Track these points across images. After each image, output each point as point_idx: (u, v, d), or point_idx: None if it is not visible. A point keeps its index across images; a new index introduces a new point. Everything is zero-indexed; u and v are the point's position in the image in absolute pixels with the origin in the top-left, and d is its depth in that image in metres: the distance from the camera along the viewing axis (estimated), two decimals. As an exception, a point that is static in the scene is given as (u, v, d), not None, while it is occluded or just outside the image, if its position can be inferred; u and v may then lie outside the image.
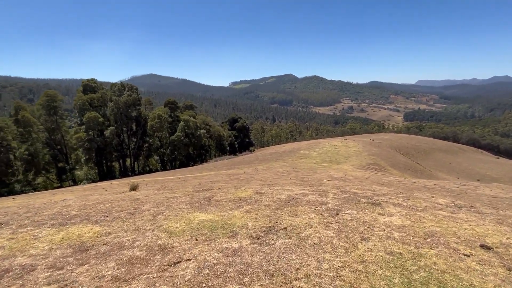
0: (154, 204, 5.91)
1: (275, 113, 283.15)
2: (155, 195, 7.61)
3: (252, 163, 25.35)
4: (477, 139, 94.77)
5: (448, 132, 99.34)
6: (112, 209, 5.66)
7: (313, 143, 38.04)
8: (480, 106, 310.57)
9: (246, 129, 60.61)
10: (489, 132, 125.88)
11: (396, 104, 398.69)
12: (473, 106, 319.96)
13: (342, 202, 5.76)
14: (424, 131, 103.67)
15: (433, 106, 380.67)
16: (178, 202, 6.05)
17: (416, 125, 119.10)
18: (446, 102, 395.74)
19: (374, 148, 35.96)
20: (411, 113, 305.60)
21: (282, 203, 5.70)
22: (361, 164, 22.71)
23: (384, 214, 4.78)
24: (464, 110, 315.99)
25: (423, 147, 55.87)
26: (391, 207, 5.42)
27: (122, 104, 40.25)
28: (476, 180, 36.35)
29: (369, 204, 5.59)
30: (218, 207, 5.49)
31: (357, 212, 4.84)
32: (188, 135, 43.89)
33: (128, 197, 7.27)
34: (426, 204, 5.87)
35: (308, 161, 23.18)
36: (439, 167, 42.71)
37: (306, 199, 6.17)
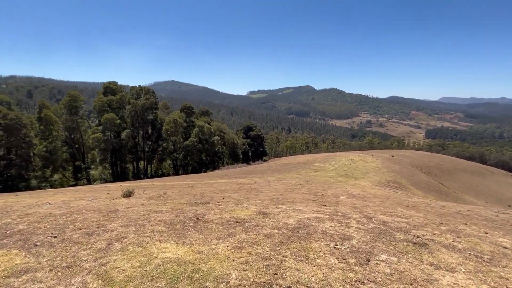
0: (126, 222, 4.69)
1: (291, 123, 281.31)
2: (141, 206, 6.42)
3: (264, 173, 24.41)
4: (507, 162, 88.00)
5: (474, 152, 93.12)
6: (71, 225, 4.50)
7: (329, 156, 36.43)
8: (510, 126, 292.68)
9: (261, 138, 59.65)
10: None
11: (417, 120, 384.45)
12: (501, 126, 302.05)
13: (372, 238, 4.22)
14: (447, 150, 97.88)
15: (458, 124, 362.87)
16: (157, 221, 4.78)
17: (439, 143, 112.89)
18: (472, 120, 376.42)
19: (393, 164, 33.70)
20: (433, 130, 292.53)
21: (289, 232, 4.26)
22: (380, 181, 21.06)
23: (440, 267, 3.20)
24: (491, 130, 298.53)
25: (447, 166, 52.24)
26: (444, 252, 3.82)
27: (139, 107, 40.41)
28: (508, 206, 33.19)
29: (410, 244, 4.02)
30: (203, 233, 4.14)
31: (397, 260, 3.30)
32: (201, 141, 43.29)
33: (107, 207, 6.14)
34: (488, 248, 4.23)
35: (323, 175, 21.84)
36: (465, 189, 39.44)
37: (322, 227, 4.69)
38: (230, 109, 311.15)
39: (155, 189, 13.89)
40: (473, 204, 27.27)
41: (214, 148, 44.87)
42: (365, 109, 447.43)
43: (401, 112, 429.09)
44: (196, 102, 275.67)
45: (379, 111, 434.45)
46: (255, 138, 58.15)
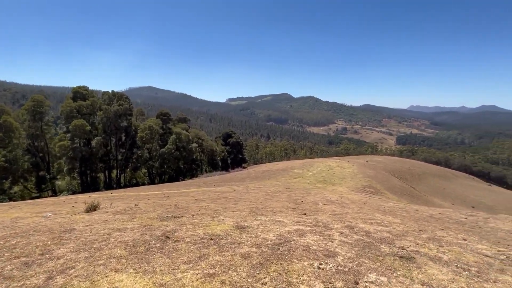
0: (79, 245, 3.99)
1: (270, 130, 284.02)
2: (104, 223, 5.67)
3: (243, 181, 24.10)
4: (469, 166, 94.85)
5: (440, 157, 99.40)
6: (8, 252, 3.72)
7: (307, 163, 36.73)
8: (470, 133, 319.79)
9: (240, 145, 59.24)
10: (479, 159, 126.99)
11: (388, 127, 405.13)
12: (462, 133, 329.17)
13: (357, 253, 3.91)
14: (417, 155, 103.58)
15: (424, 131, 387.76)
16: (117, 243, 4.13)
17: (409, 149, 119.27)
18: (437, 127, 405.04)
19: (368, 170, 34.70)
20: (403, 137, 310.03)
21: (269, 250, 3.83)
22: (356, 187, 21.54)
23: (433, 287, 2.94)
24: (454, 137, 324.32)
25: (417, 171, 54.98)
26: (432, 266, 3.59)
27: (112, 114, 38.31)
28: (471, 207, 35.35)
29: (397, 259, 3.76)
30: (171, 256, 3.58)
31: (388, 281, 2.98)
32: (179, 148, 41.91)
33: (62, 226, 5.33)
34: (472, 258, 4.10)
35: (302, 181, 21.91)
36: (433, 192, 41.58)
37: (304, 242, 4.32)
38: (209, 116, 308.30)
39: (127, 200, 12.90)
40: (442, 206, 28.67)
41: (192, 155, 43.64)
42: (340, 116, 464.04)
43: (373, 119, 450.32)
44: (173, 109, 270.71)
45: (354, 118, 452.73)
46: (234, 145, 57.64)
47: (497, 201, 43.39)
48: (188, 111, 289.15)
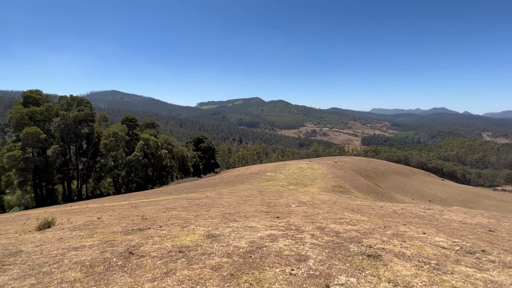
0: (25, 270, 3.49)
1: (242, 134, 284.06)
2: (58, 241, 5.09)
3: (216, 186, 23.78)
4: (425, 163, 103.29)
5: (400, 155, 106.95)
6: None
7: (280, 165, 37.22)
8: (424, 133, 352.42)
9: (212, 150, 58.41)
10: (433, 156, 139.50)
11: (354, 129, 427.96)
12: (418, 133, 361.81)
13: (328, 255, 3.95)
14: (380, 155, 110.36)
15: (386, 132, 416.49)
16: (72, 264, 3.70)
17: (373, 149, 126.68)
18: (397, 128, 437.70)
19: (337, 170, 36.15)
20: (367, 138, 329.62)
21: (240, 259, 3.70)
22: (326, 187, 22.30)
23: (398, 283, 3.03)
24: (411, 136, 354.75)
25: (381, 169, 58.62)
26: (396, 262, 3.74)
27: (70, 120, 35.38)
28: (428, 201, 38.46)
29: (365, 258, 3.86)
30: (134, 274, 3.28)
31: (357, 281, 3.02)
32: (147, 155, 39.99)
33: (6, 248, 4.66)
34: (432, 251, 4.37)
35: (275, 184, 22.13)
36: (396, 188, 44.55)
37: (276, 248, 4.27)
38: (179, 121, 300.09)
39: (89, 213, 11.91)
40: (403, 201, 30.77)
41: (161, 162, 41.89)
42: (309, 119, 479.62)
43: (340, 122, 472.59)
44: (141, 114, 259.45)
45: (322, 121, 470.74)
46: (206, 150, 56.68)
47: (449, 194, 47.85)
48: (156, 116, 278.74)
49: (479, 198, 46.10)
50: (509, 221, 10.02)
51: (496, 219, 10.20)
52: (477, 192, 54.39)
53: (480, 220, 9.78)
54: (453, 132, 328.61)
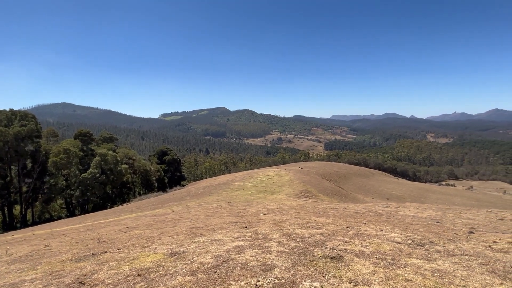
0: None
1: (208, 145, 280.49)
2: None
3: (183, 200, 23.09)
4: (381, 164, 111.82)
5: (359, 158, 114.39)
6: None
7: (248, 174, 37.32)
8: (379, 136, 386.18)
9: (177, 162, 56.65)
10: (388, 157, 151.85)
11: (317, 135, 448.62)
12: (374, 136, 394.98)
13: (293, 262, 3.99)
14: (342, 158, 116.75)
15: (346, 136, 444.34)
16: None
17: (335, 153, 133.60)
18: (355, 133, 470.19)
19: (303, 176, 37.34)
20: (329, 143, 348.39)
21: (205, 276, 3.55)
22: (294, 193, 22.92)
23: (358, 282, 3.17)
24: (368, 140, 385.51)
25: (343, 172, 62.07)
26: (357, 261, 3.93)
27: (11, 137, 31.46)
28: (386, 199, 41.57)
29: (328, 261, 3.99)
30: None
31: (320, 285, 3.09)
32: (105, 172, 37.16)
33: None
34: (388, 247, 4.68)
35: (244, 193, 22.13)
36: (357, 189, 47.43)
37: (242, 259, 4.20)
38: (141, 134, 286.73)
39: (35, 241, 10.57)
40: (364, 201, 32.80)
41: (122, 178, 39.27)
42: (275, 127, 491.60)
43: (304, 129, 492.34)
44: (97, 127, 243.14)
45: (287, 129, 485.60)
46: (171, 162, 54.87)
47: (403, 191, 52.30)
48: (115, 129, 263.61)
49: (428, 193, 51.12)
50: (453, 212, 11.24)
51: (442, 211, 11.37)
52: (426, 188, 60.30)
53: (429, 213, 10.81)
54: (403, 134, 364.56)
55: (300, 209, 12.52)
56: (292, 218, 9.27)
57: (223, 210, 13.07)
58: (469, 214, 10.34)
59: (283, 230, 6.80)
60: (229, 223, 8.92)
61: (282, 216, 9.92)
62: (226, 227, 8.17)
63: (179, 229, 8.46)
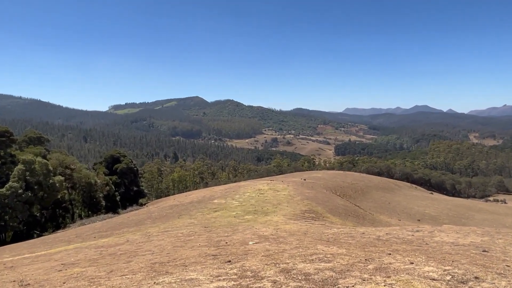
0: None
1: (177, 148, 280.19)
2: None
3: (142, 224, 23.36)
4: (410, 173, 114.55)
5: (381, 166, 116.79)
6: None
7: (232, 188, 37.69)
8: (407, 137, 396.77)
9: (134, 173, 57.29)
10: (419, 165, 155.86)
11: (325, 135, 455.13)
12: (400, 137, 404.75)
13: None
14: (358, 166, 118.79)
15: (363, 137, 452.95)
16: None
17: (349, 160, 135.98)
18: (375, 132, 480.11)
19: (307, 190, 37.94)
20: (342, 146, 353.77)
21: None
22: (294, 213, 23.32)
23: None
24: (393, 142, 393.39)
25: (360, 185, 63.56)
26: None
27: None
28: (417, 220, 42.85)
29: (341, 306, 4.03)
30: None
31: None
32: (31, 186, 37.45)
33: None
34: (420, 286, 4.78)
35: (226, 214, 22.49)
36: (379, 208, 48.66)
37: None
38: (83, 133, 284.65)
39: None
40: (389, 224, 33.59)
41: (55, 195, 39.76)
42: (268, 124, 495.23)
43: (308, 126, 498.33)
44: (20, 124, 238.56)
45: (285, 126, 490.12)
46: (125, 173, 55.62)
47: (439, 209, 54.04)
48: (46, 126, 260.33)
49: (471, 212, 52.95)
50: (503, 237, 11.67)
51: (489, 236, 11.78)
52: (468, 205, 62.41)
53: (473, 239, 11.19)
54: (438, 134, 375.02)
55: (303, 236, 12.73)
56: (291, 248, 9.41)
57: (197, 238, 13.22)
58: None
59: (280, 265, 6.88)
60: (206, 256, 8.98)
61: (278, 246, 10.06)
62: (202, 261, 8.24)
63: (136, 266, 8.47)
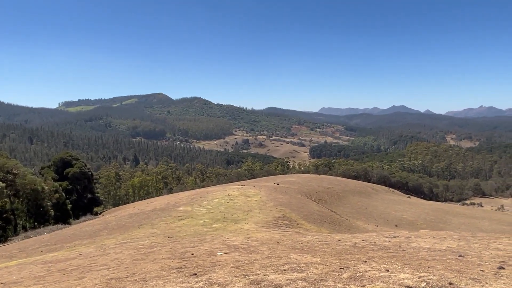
0: None
1: (138, 150, 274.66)
2: None
3: (97, 236, 22.72)
4: (387, 177, 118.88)
5: (358, 169, 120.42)
6: None
7: (199, 194, 37.55)
8: (385, 138, 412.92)
9: (88, 178, 56.09)
10: (396, 167, 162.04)
11: (300, 136, 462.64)
12: (378, 138, 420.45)
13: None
14: (334, 169, 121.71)
15: (340, 138, 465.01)
16: None
17: (325, 163, 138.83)
18: (352, 134, 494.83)
19: (280, 195, 38.46)
20: (317, 148, 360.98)
21: None
22: (267, 220, 23.64)
23: None
24: (370, 143, 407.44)
25: (336, 189, 65.16)
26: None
27: None
28: (394, 226, 44.51)
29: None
30: None
31: None
32: (-35, 194, 35.04)
33: None
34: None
35: (192, 223, 22.45)
36: (355, 213, 50.11)
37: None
38: (28, 132, 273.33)
39: None
40: (366, 230, 34.69)
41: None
42: (239, 124, 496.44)
43: (281, 127, 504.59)
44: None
45: (257, 126, 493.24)
46: (78, 178, 54.48)
47: (417, 214, 56.48)
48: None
49: (449, 216, 55.77)
50: (479, 241, 12.44)
51: (466, 240, 12.52)
52: (446, 209, 65.64)
53: (450, 244, 11.85)
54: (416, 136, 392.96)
55: (275, 245, 12.92)
56: (263, 258, 9.52)
57: (160, 250, 13.08)
58: (499, 244, 11.51)
59: (250, 277, 6.95)
60: (170, 269, 8.92)
61: (249, 256, 10.15)
62: (165, 275, 8.16)
63: (90, 283, 8.27)
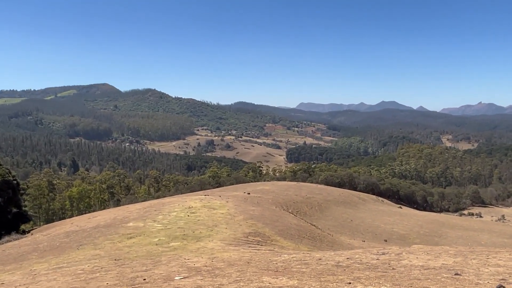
0: None
1: (77, 154, 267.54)
2: None
3: (25, 259, 22.00)
4: (376, 184, 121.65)
5: (343, 175, 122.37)
6: None
7: (153, 207, 36.95)
8: (373, 139, 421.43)
9: (13, 188, 54.41)
10: (386, 173, 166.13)
11: (275, 137, 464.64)
12: (365, 139, 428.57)
13: None
14: (315, 176, 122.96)
15: (321, 139, 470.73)
16: None
17: (304, 168, 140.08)
18: (336, 134, 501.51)
19: (252, 207, 38.53)
20: (295, 150, 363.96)
21: None
22: (235, 237, 23.63)
23: None
24: (356, 145, 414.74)
25: (317, 199, 65.97)
26: None
27: None
28: (383, 241, 45.72)
29: None
30: None
31: None
32: None
33: None
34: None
35: (145, 242, 22.17)
36: (339, 227, 50.98)
37: None
38: None
39: None
40: (351, 246, 35.38)
41: None
42: (203, 122, 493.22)
43: (253, 125, 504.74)
44: None
45: (224, 124, 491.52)
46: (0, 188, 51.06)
47: (409, 227, 58.13)
48: None
49: (445, 229, 57.82)
50: (477, 257, 12.99)
51: (463, 256, 13.05)
52: (441, 220, 67.93)
53: (445, 260, 12.31)
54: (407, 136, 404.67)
55: (245, 265, 12.94)
56: (230, 282, 9.54)
57: (104, 276, 12.81)
58: (499, 259, 12.07)
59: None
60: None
61: (213, 280, 10.14)
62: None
63: None
